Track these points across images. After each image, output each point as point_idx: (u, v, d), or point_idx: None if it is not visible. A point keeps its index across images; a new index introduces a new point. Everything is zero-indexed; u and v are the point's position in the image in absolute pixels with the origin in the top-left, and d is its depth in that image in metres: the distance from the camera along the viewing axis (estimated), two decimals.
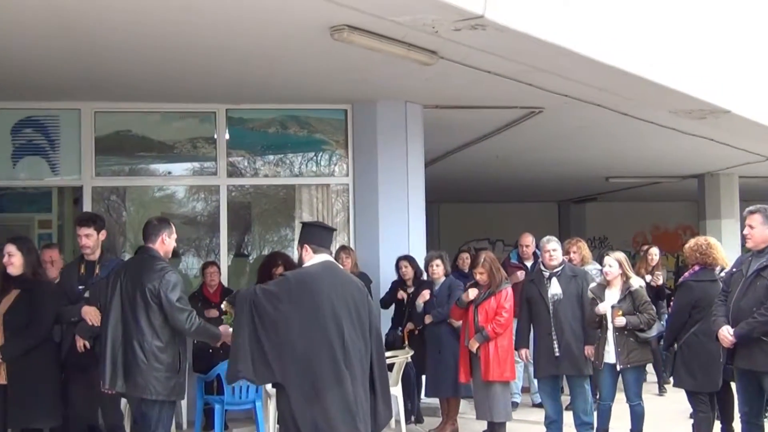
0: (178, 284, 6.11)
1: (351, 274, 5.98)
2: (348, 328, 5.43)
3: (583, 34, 7.28)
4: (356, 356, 5.42)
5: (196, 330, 6.17)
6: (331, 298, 5.44)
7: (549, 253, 8.24)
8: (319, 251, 5.65)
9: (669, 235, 21.97)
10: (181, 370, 6.19)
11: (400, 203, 9.79)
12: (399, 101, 9.75)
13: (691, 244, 7.89)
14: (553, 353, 8.06)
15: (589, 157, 14.46)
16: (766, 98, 10.59)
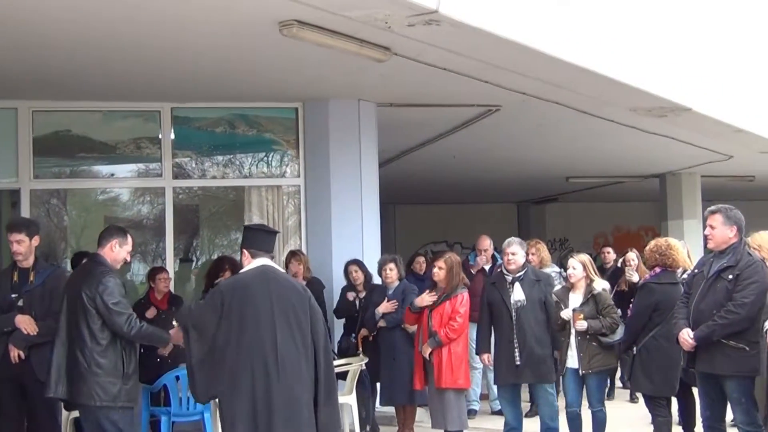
0: (115, 288, 6.07)
1: (291, 279, 5.86)
2: (283, 336, 5.35)
3: (539, 29, 7.11)
4: (292, 366, 5.33)
5: (138, 333, 6.11)
6: (264, 305, 5.40)
7: (508, 256, 8.03)
8: (258, 255, 5.59)
9: (631, 235, 21.90)
10: (125, 375, 6.10)
11: (353, 205, 9.55)
12: (352, 99, 9.49)
13: (651, 245, 7.76)
14: (514, 361, 7.87)
15: (549, 156, 14.31)
16: (727, 96, 10.50)
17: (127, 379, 6.15)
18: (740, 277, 6.52)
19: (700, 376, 6.86)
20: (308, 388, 5.38)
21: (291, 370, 5.33)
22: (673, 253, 7.66)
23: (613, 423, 8.03)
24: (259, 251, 5.63)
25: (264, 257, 5.62)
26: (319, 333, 5.52)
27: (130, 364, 6.20)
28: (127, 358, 6.15)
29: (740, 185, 18.48)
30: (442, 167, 14.80)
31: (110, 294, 6.01)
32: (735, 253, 6.64)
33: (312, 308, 5.55)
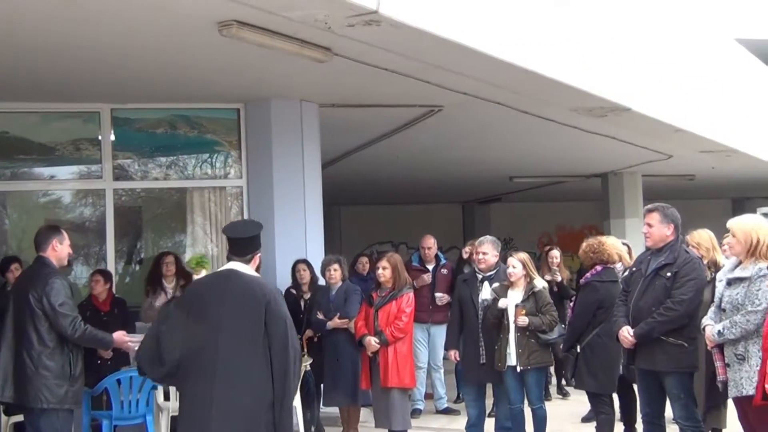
0: (62, 289, 6.12)
1: (252, 283, 5.68)
2: (227, 340, 5.34)
3: (480, 30, 7.13)
4: (236, 370, 5.31)
5: (82, 336, 6.13)
6: (213, 309, 5.41)
7: (479, 255, 8.14)
8: (231, 259, 5.66)
9: (574, 235, 22.00)
10: (72, 377, 6.14)
11: (296, 206, 9.50)
12: (294, 100, 9.42)
13: (584, 246, 7.87)
14: (479, 360, 7.92)
15: (493, 156, 14.37)
16: (665, 96, 10.63)
17: (74, 381, 6.18)
18: (678, 274, 6.61)
19: (640, 373, 6.94)
20: (256, 392, 5.33)
21: (234, 374, 5.31)
22: (606, 248, 7.75)
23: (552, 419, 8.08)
24: (233, 255, 5.69)
25: (235, 261, 5.64)
26: (274, 336, 5.42)
27: (77, 366, 6.21)
28: (74, 360, 6.17)
29: (680, 184, 18.71)
30: (387, 168, 14.80)
31: (56, 295, 6.05)
32: (672, 251, 6.73)
33: (269, 312, 5.45)
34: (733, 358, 6.07)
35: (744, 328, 5.99)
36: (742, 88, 13.77)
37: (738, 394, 6.02)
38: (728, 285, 6.18)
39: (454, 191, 19.83)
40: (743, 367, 6.00)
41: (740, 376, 5.99)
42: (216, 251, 9.98)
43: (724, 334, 6.07)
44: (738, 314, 6.03)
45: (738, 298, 6.06)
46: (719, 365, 6.20)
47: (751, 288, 6.02)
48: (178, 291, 9.12)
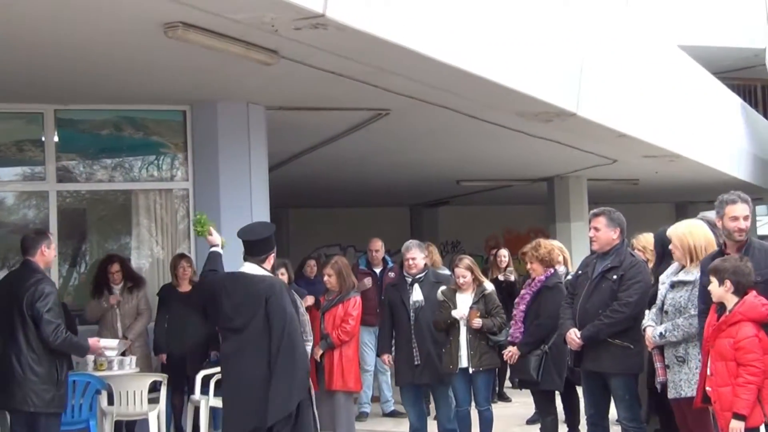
0: (50, 295, 6.37)
1: (257, 280, 6.40)
2: (230, 335, 6.32)
3: (426, 34, 7.14)
4: (242, 367, 6.20)
5: (62, 343, 6.39)
6: (225, 303, 6.34)
7: (408, 261, 8.16)
8: (246, 260, 6.52)
9: (521, 238, 22.12)
10: (58, 381, 6.40)
11: (243, 209, 9.39)
12: (241, 102, 9.35)
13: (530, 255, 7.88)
14: (413, 362, 7.94)
15: (440, 160, 14.40)
16: (610, 101, 10.74)
17: (60, 386, 6.45)
18: (624, 277, 6.71)
19: (585, 375, 7.03)
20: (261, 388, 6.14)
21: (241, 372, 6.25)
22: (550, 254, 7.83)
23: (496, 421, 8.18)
24: (247, 256, 6.53)
25: (249, 262, 6.48)
26: (273, 330, 6.19)
27: (63, 371, 6.49)
28: (60, 366, 6.45)
29: (625, 188, 18.92)
30: (335, 170, 14.76)
31: (45, 301, 6.31)
32: (618, 254, 6.84)
33: (269, 306, 6.22)
34: (673, 360, 6.17)
35: (686, 331, 6.10)
36: (685, 94, 13.96)
37: (677, 396, 6.14)
38: (671, 288, 6.29)
39: (402, 194, 19.84)
40: (683, 369, 6.11)
41: (679, 378, 6.10)
42: (162, 254, 9.90)
43: (666, 337, 6.18)
44: (680, 317, 6.13)
45: (681, 301, 6.17)
46: (659, 366, 6.31)
47: (694, 292, 6.13)
48: (125, 293, 9.05)
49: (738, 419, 5.36)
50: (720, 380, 5.48)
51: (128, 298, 9.08)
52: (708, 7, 20.91)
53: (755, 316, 5.45)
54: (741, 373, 5.39)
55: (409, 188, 18.47)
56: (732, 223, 5.85)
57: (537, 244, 7.86)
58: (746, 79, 22.49)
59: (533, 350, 7.59)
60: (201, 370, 8.70)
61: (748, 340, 5.40)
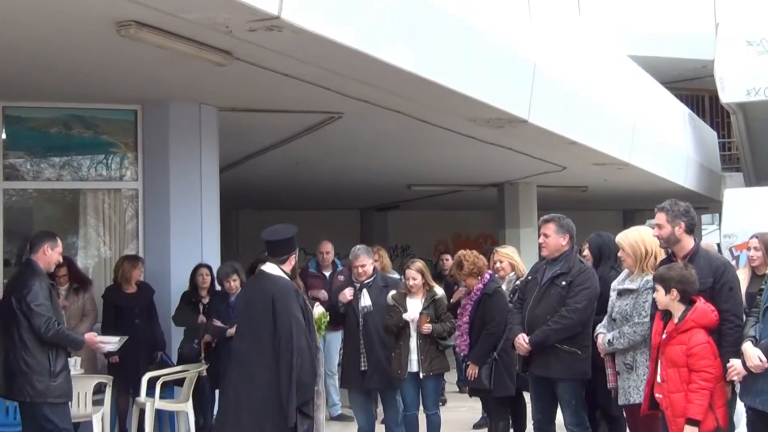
0: (39, 292, 6.60)
1: (268, 282, 6.49)
2: (246, 337, 6.40)
3: (380, 38, 7.12)
4: (250, 368, 6.27)
5: (54, 335, 6.61)
6: (244, 308, 6.55)
7: (358, 269, 8.16)
8: (268, 260, 6.67)
9: (470, 243, 22.24)
10: (52, 373, 6.64)
11: (193, 210, 9.37)
12: (193, 103, 9.29)
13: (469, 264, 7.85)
14: (360, 367, 7.93)
15: (391, 164, 14.42)
16: (561, 108, 10.83)
17: (55, 377, 6.67)
18: (573, 283, 6.77)
19: (533, 380, 7.08)
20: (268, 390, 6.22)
21: (249, 374, 6.28)
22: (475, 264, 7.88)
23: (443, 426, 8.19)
24: (269, 257, 6.70)
25: (269, 263, 6.63)
26: (280, 334, 6.25)
27: (57, 362, 6.71)
28: (54, 358, 6.67)
29: (574, 195, 19.11)
30: (286, 173, 14.72)
31: (34, 296, 6.55)
32: (567, 261, 6.90)
33: (276, 311, 6.28)
34: (622, 367, 6.26)
35: (631, 339, 6.17)
36: (634, 103, 14.13)
37: (626, 402, 6.22)
38: (619, 296, 6.37)
39: (352, 198, 19.85)
40: (631, 376, 6.19)
41: (628, 384, 6.18)
42: (110, 254, 9.78)
43: (614, 344, 6.25)
44: (626, 325, 6.20)
45: (627, 309, 6.25)
46: (610, 373, 6.40)
47: (638, 300, 6.21)
48: (71, 295, 8.96)
49: (692, 425, 5.44)
50: (672, 387, 5.55)
51: (74, 299, 8.99)
52: (658, 19, 21.21)
53: (706, 323, 5.54)
54: (694, 379, 5.47)
55: (360, 192, 18.48)
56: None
57: (459, 262, 7.91)
58: (694, 90, 22.85)
59: (487, 359, 7.61)
60: (147, 372, 8.62)
61: (700, 346, 5.49)
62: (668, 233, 5.90)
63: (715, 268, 5.76)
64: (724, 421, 5.51)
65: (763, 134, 18.64)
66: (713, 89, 18.88)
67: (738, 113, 17.83)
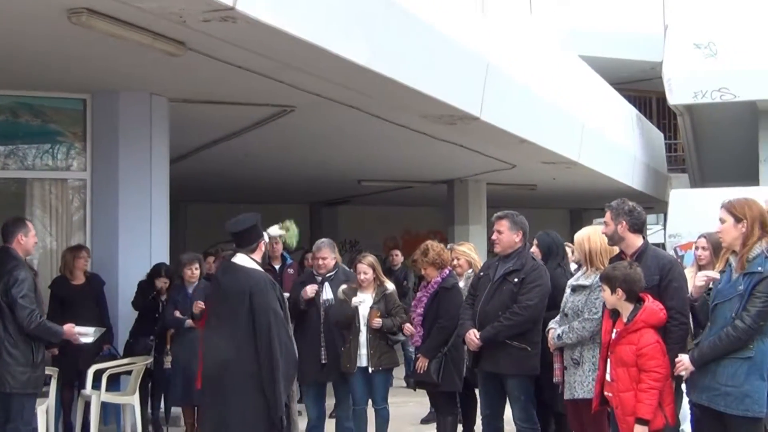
0: (24, 281, 6.57)
1: (241, 274, 6.30)
2: (221, 329, 6.16)
3: (335, 32, 7.11)
4: (216, 350, 6.11)
5: (36, 328, 6.58)
6: (217, 298, 6.31)
7: (319, 261, 8.16)
8: (237, 251, 6.42)
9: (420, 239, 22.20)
10: (34, 363, 6.62)
11: (142, 201, 9.27)
12: (144, 93, 9.18)
13: (430, 256, 7.84)
14: (320, 360, 7.92)
15: (343, 159, 14.40)
16: (513, 107, 10.89)
17: (36, 368, 6.67)
18: (525, 280, 6.81)
19: (483, 375, 7.11)
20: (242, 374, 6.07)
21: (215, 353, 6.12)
22: (440, 255, 7.88)
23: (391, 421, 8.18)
24: (237, 247, 6.44)
25: (239, 253, 6.38)
26: (258, 327, 6.09)
27: (39, 354, 6.71)
28: (36, 349, 6.66)
29: (523, 193, 19.22)
30: (236, 166, 14.61)
31: (19, 287, 6.52)
32: (520, 258, 6.93)
33: (253, 304, 6.12)
34: (570, 362, 6.32)
35: (579, 334, 6.23)
36: (584, 103, 14.25)
37: (571, 397, 6.28)
38: (573, 291, 6.42)
39: (302, 192, 19.78)
40: (577, 372, 6.25)
41: (574, 379, 6.24)
42: (55, 245, 9.64)
43: (563, 339, 6.31)
44: (576, 320, 6.26)
45: (578, 305, 6.31)
46: (557, 367, 6.45)
47: (590, 296, 6.27)
48: None
49: (641, 424, 5.50)
50: (622, 386, 5.60)
51: None
52: (608, 20, 21.42)
53: (655, 322, 5.59)
54: (644, 379, 5.51)
55: (310, 186, 18.41)
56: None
57: (425, 249, 7.89)
58: (642, 91, 23.12)
59: (437, 354, 7.58)
60: (93, 365, 8.52)
61: (650, 347, 5.53)
62: (612, 231, 6.00)
63: (662, 266, 5.83)
64: (672, 418, 5.58)
65: (708, 136, 18.93)
66: (661, 91, 19.12)
67: (685, 115, 18.06)
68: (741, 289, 5.28)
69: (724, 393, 5.29)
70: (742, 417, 5.26)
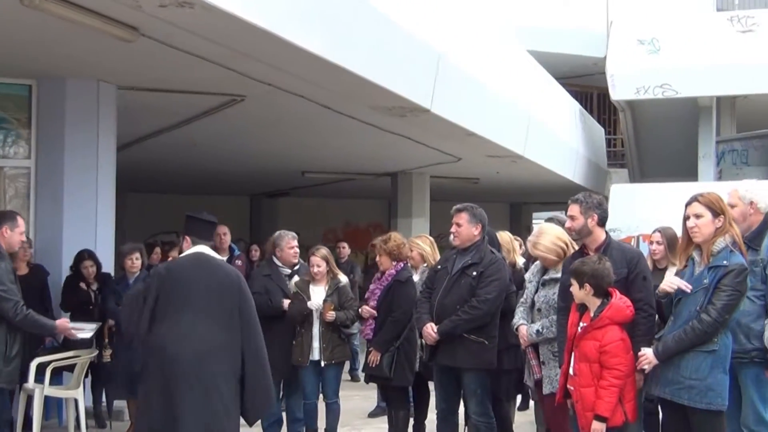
0: (4, 274, 6.45)
1: (224, 265, 6.13)
2: (206, 320, 5.73)
3: (291, 20, 7.04)
4: (218, 348, 5.71)
5: (24, 320, 6.47)
6: (192, 288, 5.79)
7: (294, 249, 8.03)
8: (198, 243, 6.01)
9: (360, 231, 22.34)
10: (7, 358, 6.44)
11: (88, 190, 9.08)
12: (91, 80, 8.98)
13: (390, 246, 7.79)
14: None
15: (288, 150, 14.27)
16: (461, 99, 10.88)
17: (9, 362, 6.48)
18: (484, 274, 6.78)
19: (439, 369, 7.06)
20: (229, 366, 5.72)
21: (212, 354, 5.68)
22: (399, 248, 7.84)
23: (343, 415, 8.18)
24: (200, 239, 6.04)
25: (202, 245, 6.01)
26: (247, 316, 5.86)
27: (13, 347, 6.52)
28: (11, 342, 6.49)
29: (465, 186, 19.27)
30: (179, 156, 14.42)
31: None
32: (479, 251, 6.90)
33: (242, 292, 5.90)
34: (549, 356, 6.29)
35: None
36: (530, 97, 14.31)
37: (552, 390, 6.22)
38: (543, 286, 6.40)
39: (244, 184, 19.60)
40: (558, 365, 6.21)
41: (555, 373, 6.20)
42: None
43: (543, 334, 6.28)
44: (554, 314, 6.24)
45: (554, 298, 6.28)
46: (534, 363, 6.41)
47: None
48: None
49: (599, 420, 5.50)
50: (583, 381, 5.60)
51: None
52: (551, 15, 21.56)
53: (621, 319, 5.59)
54: (605, 376, 5.52)
55: (253, 177, 18.24)
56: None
57: (387, 237, 7.86)
58: (583, 86, 23.32)
59: (390, 347, 7.53)
60: (36, 357, 8.31)
61: (614, 344, 5.53)
62: (581, 225, 5.93)
63: (629, 259, 5.84)
64: (632, 415, 5.58)
65: (649, 132, 19.15)
66: (601, 86, 19.32)
67: (627, 111, 18.25)
68: (706, 283, 5.32)
69: (687, 386, 5.33)
70: (705, 410, 5.31)
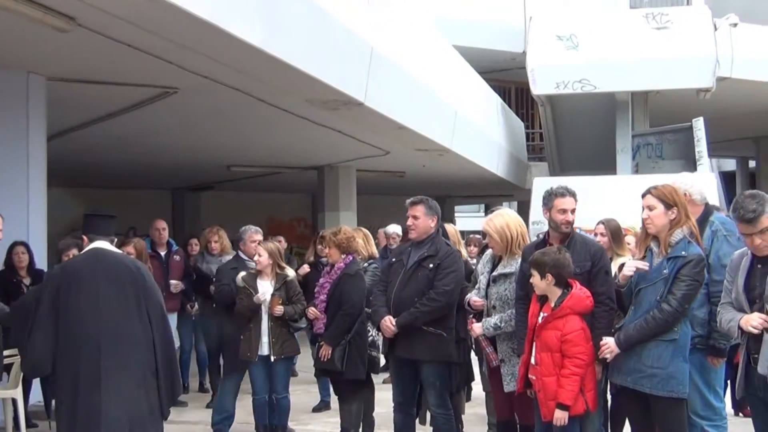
0: None
1: (124, 259, 6.01)
2: (116, 314, 5.62)
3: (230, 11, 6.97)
4: (127, 342, 5.62)
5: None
6: (91, 285, 5.64)
7: (256, 243, 8.20)
8: (96, 239, 5.88)
9: (284, 226, 22.17)
10: None
11: (18, 184, 8.83)
12: (20, 71, 8.72)
13: (339, 238, 7.76)
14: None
15: (215, 144, 14.08)
16: (393, 92, 10.92)
17: None
18: (440, 266, 6.78)
19: (396, 362, 7.05)
20: (143, 358, 5.66)
21: (126, 347, 5.61)
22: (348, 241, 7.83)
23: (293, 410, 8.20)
24: (98, 235, 5.89)
25: (101, 240, 5.87)
26: (152, 307, 5.77)
27: None
28: None
29: (390, 180, 19.33)
30: (102, 149, 14.11)
31: None
32: (434, 243, 6.91)
33: (146, 284, 5.80)
34: (509, 353, 6.32)
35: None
36: (456, 91, 14.44)
37: (514, 389, 6.24)
38: (494, 282, 6.44)
39: (166, 177, 19.31)
40: (518, 359, 6.23)
41: (516, 370, 6.23)
42: None
43: (502, 327, 6.32)
44: (510, 309, 6.29)
45: (507, 294, 6.34)
46: (489, 351, 6.45)
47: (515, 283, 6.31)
48: None
49: (562, 409, 5.59)
50: (545, 370, 5.67)
51: None
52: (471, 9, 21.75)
53: (581, 309, 5.69)
54: (567, 365, 5.60)
55: (177, 171, 17.97)
56: (560, 215, 6.12)
57: (338, 230, 7.84)
58: (502, 81, 23.57)
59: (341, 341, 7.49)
60: None
61: (575, 333, 5.63)
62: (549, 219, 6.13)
63: (593, 253, 5.96)
64: (593, 404, 5.69)
65: (569, 126, 19.43)
66: (519, 81, 19.56)
67: (546, 105, 18.48)
68: (665, 273, 5.44)
69: (650, 375, 5.44)
70: (667, 398, 5.43)
